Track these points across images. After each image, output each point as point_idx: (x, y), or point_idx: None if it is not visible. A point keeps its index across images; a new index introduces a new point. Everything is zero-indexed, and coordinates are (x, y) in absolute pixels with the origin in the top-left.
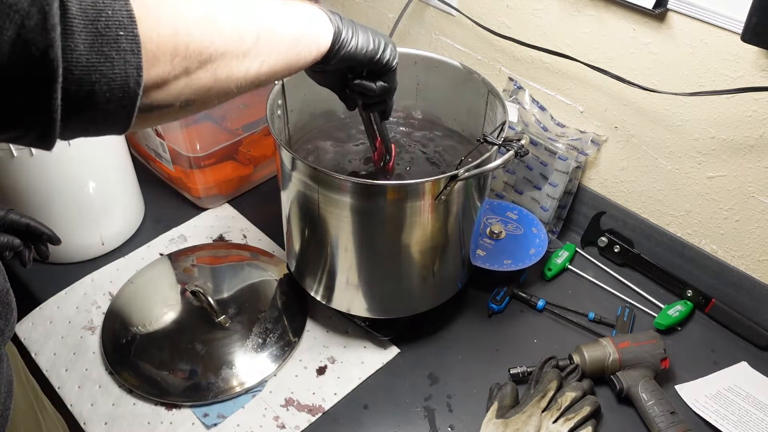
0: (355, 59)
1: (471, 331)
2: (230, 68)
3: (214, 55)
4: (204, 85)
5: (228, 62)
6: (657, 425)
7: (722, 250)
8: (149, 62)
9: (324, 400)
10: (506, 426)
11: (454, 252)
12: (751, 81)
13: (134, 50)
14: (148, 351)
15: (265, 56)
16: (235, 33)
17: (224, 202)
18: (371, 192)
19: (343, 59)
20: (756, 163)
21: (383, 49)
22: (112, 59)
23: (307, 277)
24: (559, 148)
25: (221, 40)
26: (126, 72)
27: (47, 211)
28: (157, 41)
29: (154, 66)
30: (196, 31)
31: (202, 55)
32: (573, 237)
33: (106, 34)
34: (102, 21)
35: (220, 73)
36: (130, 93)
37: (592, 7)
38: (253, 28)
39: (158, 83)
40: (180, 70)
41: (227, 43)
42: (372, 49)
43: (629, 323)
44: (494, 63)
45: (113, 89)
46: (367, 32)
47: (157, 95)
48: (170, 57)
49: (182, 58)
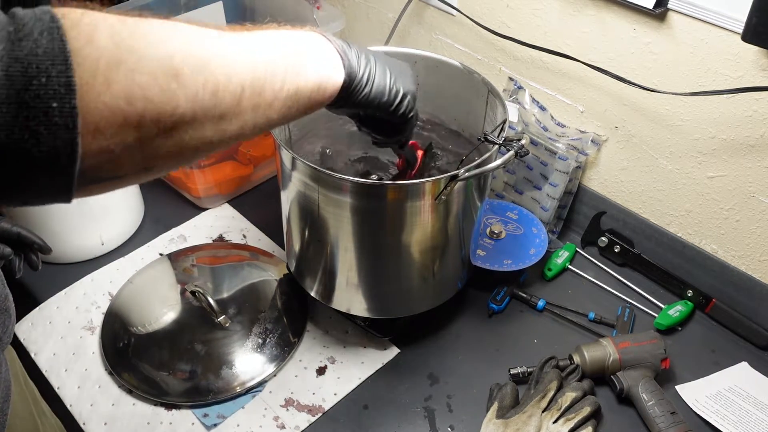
0: (365, 108)
1: (471, 331)
2: (201, 133)
3: (178, 123)
4: (166, 152)
5: (198, 127)
6: (657, 425)
7: (723, 250)
8: (90, 135)
9: (324, 400)
10: (506, 426)
11: (454, 252)
12: (751, 81)
13: (69, 125)
14: (148, 351)
15: (249, 116)
16: (210, 93)
17: (224, 202)
18: (371, 192)
19: (352, 106)
20: (756, 162)
21: (399, 101)
22: (38, 135)
23: (307, 277)
24: (559, 148)
25: (189, 104)
26: (56, 149)
27: (47, 211)
28: (102, 111)
29: (96, 139)
30: (155, 95)
31: (162, 123)
32: (573, 237)
33: (34, 106)
34: (32, 91)
35: (187, 139)
36: (62, 171)
37: (593, 7)
38: (236, 85)
39: (103, 156)
40: (132, 140)
41: (197, 107)
42: (386, 102)
43: (629, 323)
44: (494, 63)
45: (40, 168)
46: (385, 75)
47: (102, 167)
48: (118, 128)
49: (135, 128)
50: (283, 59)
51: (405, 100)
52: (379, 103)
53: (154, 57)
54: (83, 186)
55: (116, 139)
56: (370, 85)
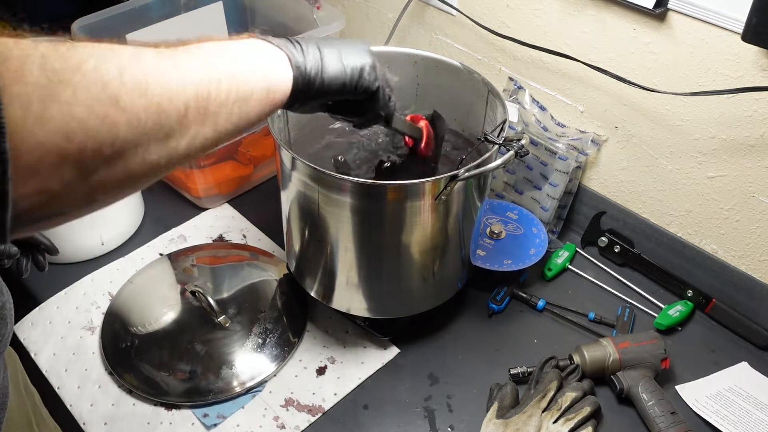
0: (327, 96)
1: (471, 331)
2: (147, 156)
3: (121, 150)
4: (113, 182)
5: (143, 151)
6: (657, 425)
7: (723, 250)
8: (25, 178)
9: (324, 400)
10: (506, 426)
11: (454, 252)
12: (751, 81)
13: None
14: (148, 351)
15: (197, 132)
16: (151, 115)
17: (224, 202)
18: (371, 192)
19: (314, 98)
20: (756, 162)
21: (358, 77)
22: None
23: (307, 277)
24: (559, 148)
25: (131, 130)
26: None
27: None
28: (37, 151)
29: (32, 180)
30: (94, 126)
31: (104, 153)
32: (573, 237)
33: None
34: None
35: (134, 165)
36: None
37: (593, 7)
38: (179, 103)
39: (41, 197)
40: (72, 176)
41: (138, 131)
42: (344, 82)
43: (629, 323)
44: (494, 63)
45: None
46: (337, 56)
47: (42, 208)
48: (56, 166)
49: (74, 164)
50: (225, 69)
51: (363, 74)
52: (339, 87)
53: (90, 86)
54: (21, 227)
55: (55, 178)
56: (323, 72)
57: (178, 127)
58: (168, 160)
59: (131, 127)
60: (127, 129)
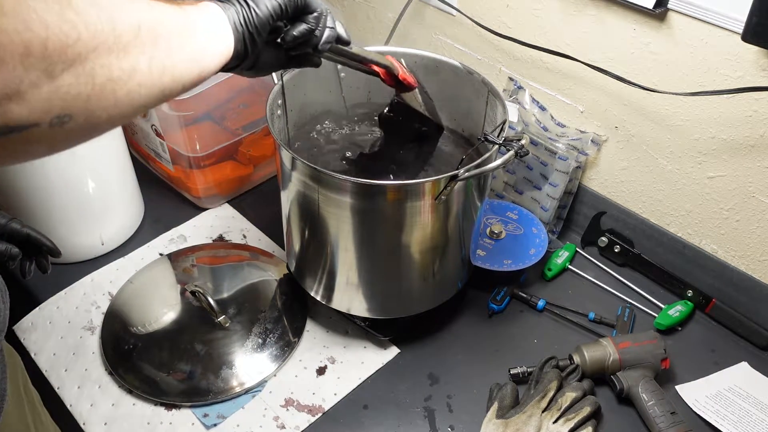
0: (270, 23)
1: (471, 331)
2: (109, 68)
3: (83, 52)
4: (79, 92)
5: (104, 59)
6: (657, 425)
7: (723, 250)
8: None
9: (324, 400)
10: (506, 426)
11: (454, 252)
12: (751, 81)
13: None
14: (148, 351)
15: (153, 51)
16: (105, 22)
17: (224, 202)
18: (371, 192)
19: (259, 36)
20: (756, 162)
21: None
22: None
23: (307, 277)
24: (559, 148)
25: (88, 32)
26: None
27: (47, 211)
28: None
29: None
30: (53, 21)
31: (67, 52)
32: (573, 237)
33: None
34: None
35: (97, 74)
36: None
37: (593, 7)
38: (130, 18)
39: (9, 93)
40: (38, 73)
41: (97, 35)
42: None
43: (629, 323)
44: (494, 63)
45: None
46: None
47: (12, 110)
48: (21, 58)
49: (39, 58)
50: (168, 6)
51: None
52: (277, 9)
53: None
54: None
55: (20, 72)
56: (255, 8)
57: (134, 42)
58: (132, 77)
59: (89, 31)
60: (85, 31)
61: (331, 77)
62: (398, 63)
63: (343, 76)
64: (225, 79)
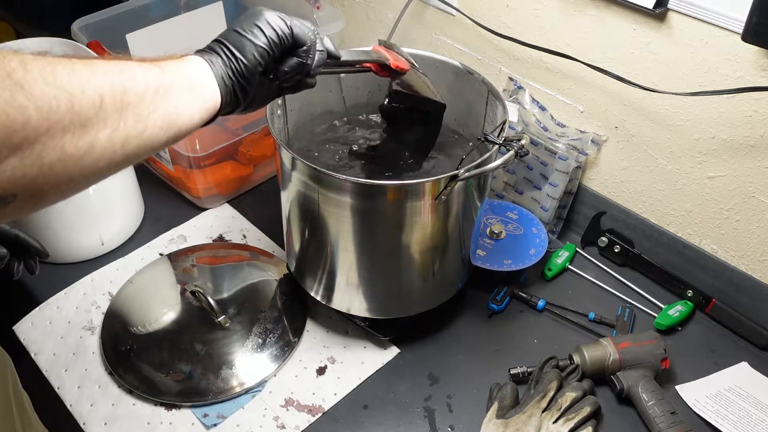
0: (259, 71)
1: (471, 331)
2: (62, 147)
3: (31, 136)
4: (24, 174)
5: (57, 140)
6: (657, 425)
7: (723, 250)
8: None
9: (324, 400)
10: (506, 426)
11: (454, 252)
12: (751, 81)
13: None
14: (148, 351)
15: (117, 122)
16: (63, 101)
17: (224, 202)
18: (371, 192)
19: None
20: (756, 162)
21: (266, 37)
22: None
23: (307, 277)
24: (559, 148)
25: (40, 115)
26: None
27: (47, 211)
28: None
29: None
30: (1, 107)
31: (12, 138)
32: (573, 237)
33: None
34: None
35: (46, 155)
36: None
37: (593, 7)
38: (92, 92)
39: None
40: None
41: (51, 116)
42: (263, 50)
43: (629, 323)
44: (494, 63)
45: None
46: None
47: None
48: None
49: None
50: (137, 66)
51: (266, 30)
52: (261, 51)
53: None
54: None
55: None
56: (240, 50)
57: (95, 117)
58: (89, 153)
59: (41, 113)
60: (37, 115)
61: (331, 77)
62: (387, 51)
63: (342, 76)
64: None
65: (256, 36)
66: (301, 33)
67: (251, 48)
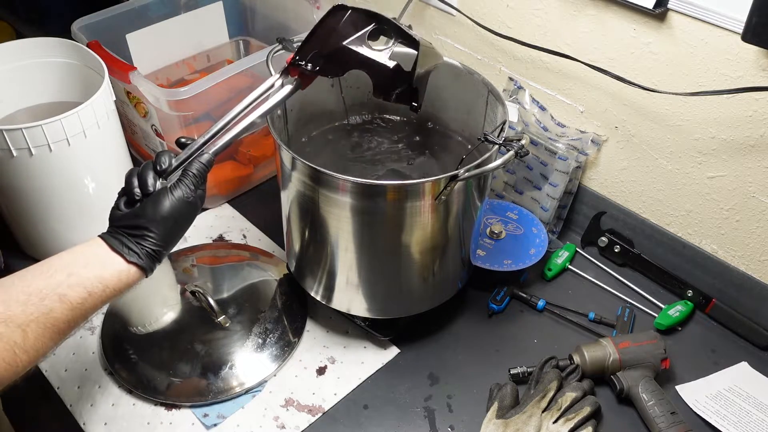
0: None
1: (471, 331)
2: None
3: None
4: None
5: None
6: (657, 425)
7: (723, 250)
8: None
9: (324, 400)
10: (506, 426)
11: (454, 252)
12: (751, 81)
13: None
14: (148, 351)
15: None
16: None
17: (224, 202)
18: (371, 192)
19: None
20: (757, 162)
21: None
22: None
23: (307, 277)
24: (559, 148)
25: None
26: None
27: (46, 211)
28: None
29: None
30: None
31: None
32: (573, 237)
33: None
34: None
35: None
36: None
37: (593, 7)
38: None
39: None
40: None
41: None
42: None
43: (629, 323)
44: (494, 63)
45: None
46: (157, 217)
47: None
48: None
49: None
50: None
51: (175, 210)
52: (171, 225)
53: None
54: None
55: None
56: (159, 234)
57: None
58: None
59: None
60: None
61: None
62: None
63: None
64: (225, 79)
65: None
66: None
67: (164, 232)
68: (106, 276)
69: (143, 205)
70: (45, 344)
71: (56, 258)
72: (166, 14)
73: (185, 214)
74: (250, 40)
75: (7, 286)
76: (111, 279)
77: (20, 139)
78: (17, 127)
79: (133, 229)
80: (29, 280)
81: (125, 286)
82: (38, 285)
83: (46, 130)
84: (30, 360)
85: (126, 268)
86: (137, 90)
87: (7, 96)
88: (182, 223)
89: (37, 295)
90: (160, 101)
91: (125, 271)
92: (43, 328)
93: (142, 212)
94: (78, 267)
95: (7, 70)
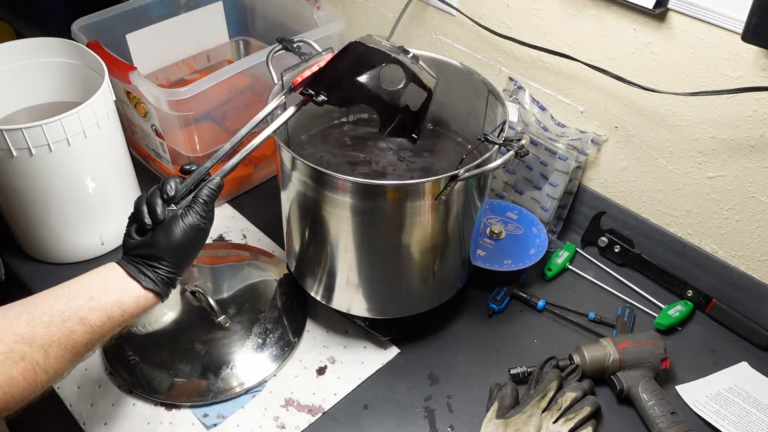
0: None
1: (471, 331)
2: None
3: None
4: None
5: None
6: (657, 425)
7: (723, 250)
8: None
9: (324, 400)
10: (506, 426)
11: (454, 252)
12: (751, 81)
13: None
14: (148, 351)
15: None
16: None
17: (224, 202)
18: (371, 192)
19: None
20: (756, 162)
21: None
22: None
23: (307, 277)
24: (559, 148)
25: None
26: None
27: (46, 211)
28: None
29: None
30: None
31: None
32: (573, 237)
33: None
34: None
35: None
36: None
37: (593, 7)
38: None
39: None
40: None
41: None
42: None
43: (629, 323)
44: (494, 63)
45: None
46: (170, 245)
47: None
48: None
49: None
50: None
51: (189, 237)
52: (186, 247)
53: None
54: None
55: None
56: (173, 261)
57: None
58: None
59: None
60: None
61: None
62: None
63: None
64: (225, 79)
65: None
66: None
67: (176, 256)
68: (125, 301)
69: (156, 235)
70: (64, 366)
71: (75, 282)
72: (166, 14)
73: (197, 241)
74: (250, 40)
75: (30, 307)
76: (129, 304)
77: (20, 139)
78: (17, 127)
79: (147, 258)
80: (51, 302)
81: (142, 311)
82: (60, 307)
83: (46, 130)
84: (48, 380)
85: (143, 294)
86: (137, 90)
87: (7, 96)
88: (195, 250)
89: (59, 317)
90: (160, 101)
91: (142, 297)
92: (64, 349)
93: (155, 242)
94: (98, 291)
95: (7, 70)
